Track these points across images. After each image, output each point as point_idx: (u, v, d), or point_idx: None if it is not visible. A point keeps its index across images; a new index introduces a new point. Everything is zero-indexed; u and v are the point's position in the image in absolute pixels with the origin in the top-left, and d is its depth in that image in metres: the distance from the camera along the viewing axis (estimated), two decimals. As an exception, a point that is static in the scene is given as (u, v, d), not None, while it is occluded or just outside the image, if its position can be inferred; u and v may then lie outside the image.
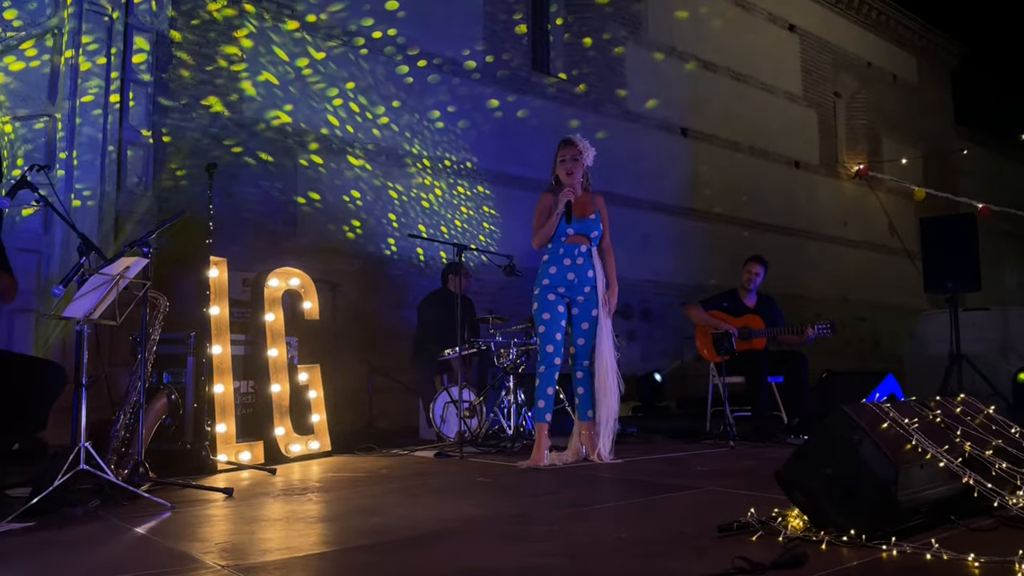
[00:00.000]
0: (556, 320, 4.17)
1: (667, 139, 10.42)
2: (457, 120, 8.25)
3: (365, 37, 7.57)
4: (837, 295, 12.42)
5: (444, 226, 7.96)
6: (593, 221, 4.24)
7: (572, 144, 4.31)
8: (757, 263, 5.79)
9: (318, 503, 3.07)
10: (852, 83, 13.91)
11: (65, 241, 5.63)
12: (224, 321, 4.26)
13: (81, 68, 5.80)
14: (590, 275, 4.19)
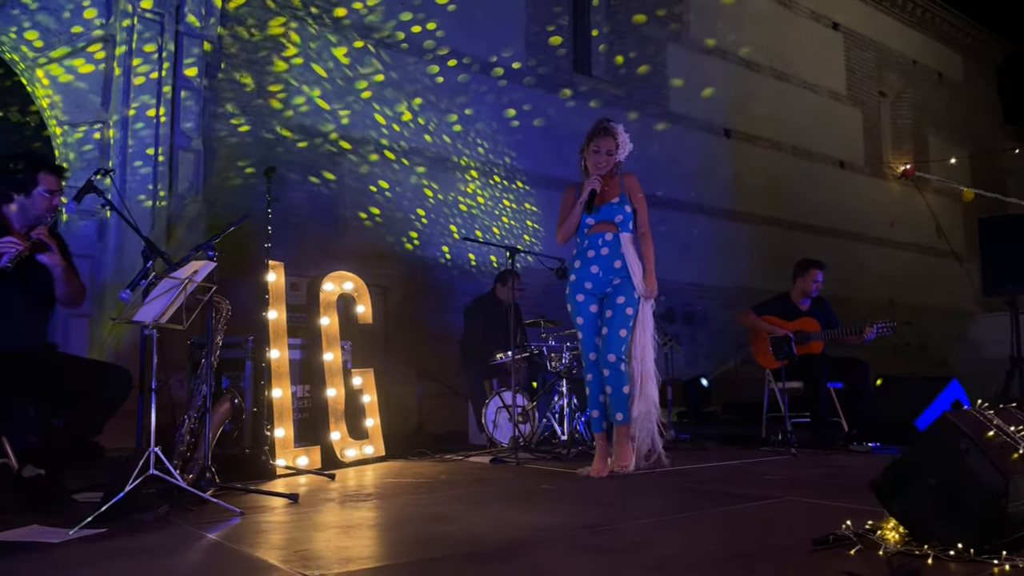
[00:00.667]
0: (591, 323, 3.87)
1: (709, 140, 10.28)
2: (499, 122, 8.21)
3: (409, 42, 7.56)
4: (883, 298, 12.15)
5: (491, 229, 7.91)
6: (616, 205, 3.87)
7: (609, 135, 3.90)
8: (820, 269, 5.62)
9: (386, 510, 3.02)
10: (897, 82, 13.63)
11: (119, 247, 5.68)
12: (282, 325, 4.24)
13: (134, 75, 5.86)
14: (617, 265, 3.82)
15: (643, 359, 3.80)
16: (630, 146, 3.97)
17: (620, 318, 3.77)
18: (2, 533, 2.48)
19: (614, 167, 3.94)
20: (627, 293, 3.79)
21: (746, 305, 6.35)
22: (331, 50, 7.03)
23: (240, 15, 6.50)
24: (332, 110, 6.97)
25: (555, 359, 5.27)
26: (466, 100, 7.94)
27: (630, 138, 4.05)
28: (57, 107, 5.80)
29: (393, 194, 7.31)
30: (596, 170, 3.89)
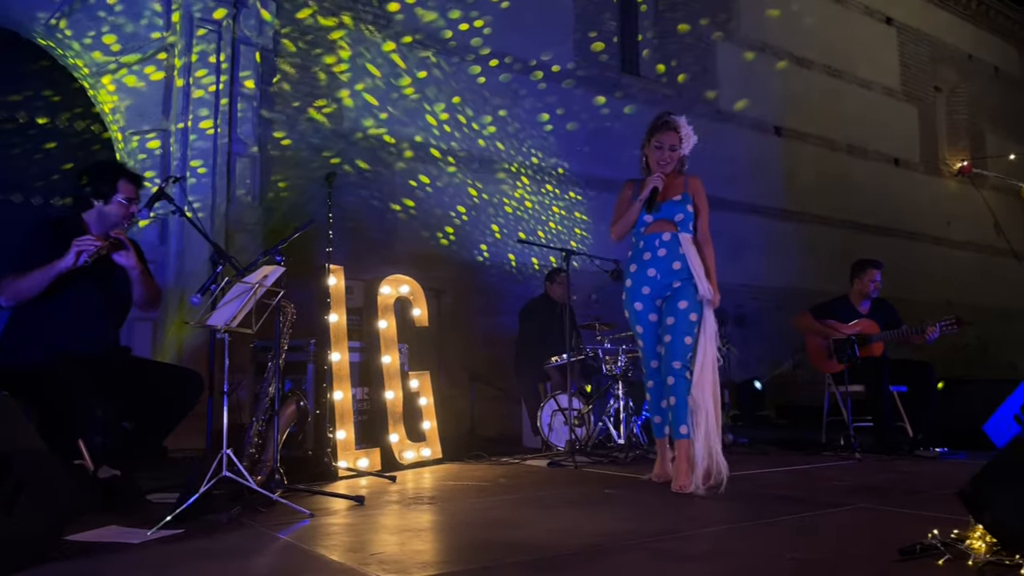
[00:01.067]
0: (650, 333, 3.63)
1: (760, 139, 10.13)
2: (547, 124, 8.19)
3: (458, 44, 7.59)
4: (941, 299, 11.82)
5: (537, 232, 7.91)
6: (678, 203, 3.61)
7: (672, 129, 3.64)
8: (878, 269, 5.48)
9: (451, 513, 3.03)
10: (952, 76, 13.27)
11: (180, 252, 5.80)
12: (342, 328, 4.28)
13: (192, 84, 5.98)
14: (676, 267, 3.56)
15: (704, 367, 3.47)
16: (694, 139, 3.70)
17: (684, 324, 3.50)
18: (83, 533, 2.54)
19: (678, 163, 3.70)
20: (689, 297, 3.52)
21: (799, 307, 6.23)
22: (382, 55, 7.09)
23: (294, 23, 6.59)
24: (383, 114, 7.03)
25: (610, 362, 5.23)
26: (514, 101, 7.94)
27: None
28: (119, 115, 5.95)
29: (442, 196, 7.35)
30: (659, 167, 3.64)
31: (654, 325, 3.63)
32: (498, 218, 7.70)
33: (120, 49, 5.88)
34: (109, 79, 5.92)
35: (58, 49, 5.95)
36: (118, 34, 5.87)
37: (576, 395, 5.12)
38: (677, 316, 3.52)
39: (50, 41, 5.89)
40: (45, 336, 3.01)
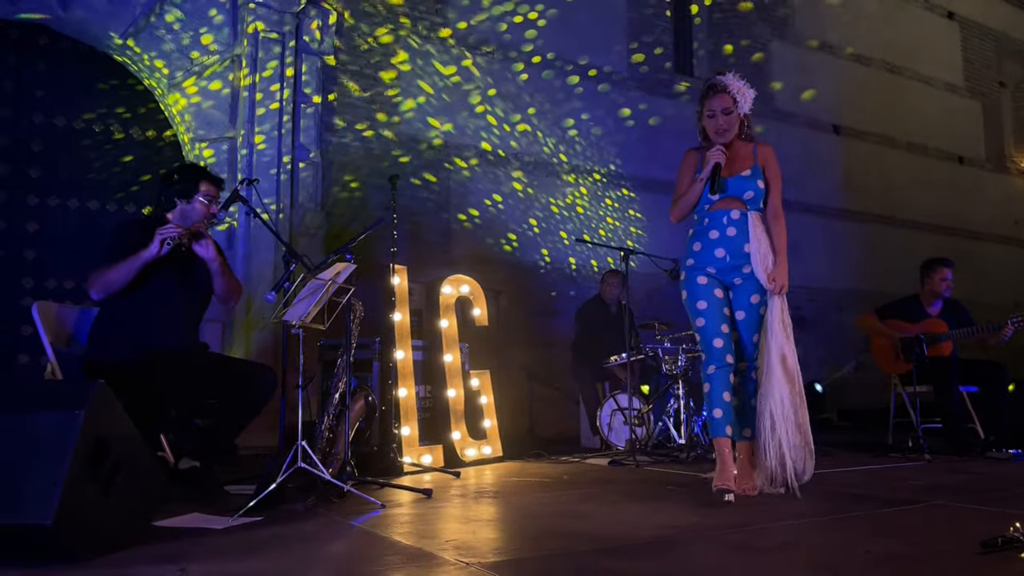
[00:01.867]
0: (716, 307, 3.24)
1: (818, 137, 9.96)
2: (602, 126, 8.21)
3: (514, 49, 7.67)
4: (1009, 300, 11.43)
5: (596, 232, 7.92)
6: (747, 178, 3.24)
7: (722, 91, 3.25)
8: (948, 267, 5.35)
9: (517, 507, 3.07)
10: (1018, 71, 12.84)
11: (247, 255, 5.98)
12: (406, 327, 4.37)
13: (257, 92, 6.17)
14: (746, 249, 3.21)
15: (772, 367, 3.14)
16: (752, 93, 3.31)
17: (754, 321, 3.24)
18: (168, 520, 2.66)
19: (742, 126, 3.31)
20: (760, 290, 3.23)
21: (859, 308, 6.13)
22: (441, 62, 7.20)
23: (353, 31, 6.75)
24: (439, 118, 7.14)
25: (670, 362, 5.22)
26: (568, 104, 7.98)
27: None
28: (189, 125, 6.17)
29: (497, 199, 7.42)
30: (717, 137, 3.27)
31: (721, 303, 3.27)
32: (555, 220, 7.74)
33: (188, 62, 6.10)
34: (178, 90, 6.14)
35: (131, 63, 6.20)
36: (185, 48, 6.08)
37: (635, 395, 5.12)
38: (748, 311, 3.25)
39: (124, 56, 6.14)
40: (130, 330, 3.16)
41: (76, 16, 5.77)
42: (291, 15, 6.31)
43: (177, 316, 3.28)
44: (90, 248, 4.07)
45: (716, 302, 3.26)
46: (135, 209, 6.16)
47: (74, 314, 3.43)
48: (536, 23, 7.84)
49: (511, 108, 7.60)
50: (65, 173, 5.98)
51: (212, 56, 6.16)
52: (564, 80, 7.98)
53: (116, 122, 6.23)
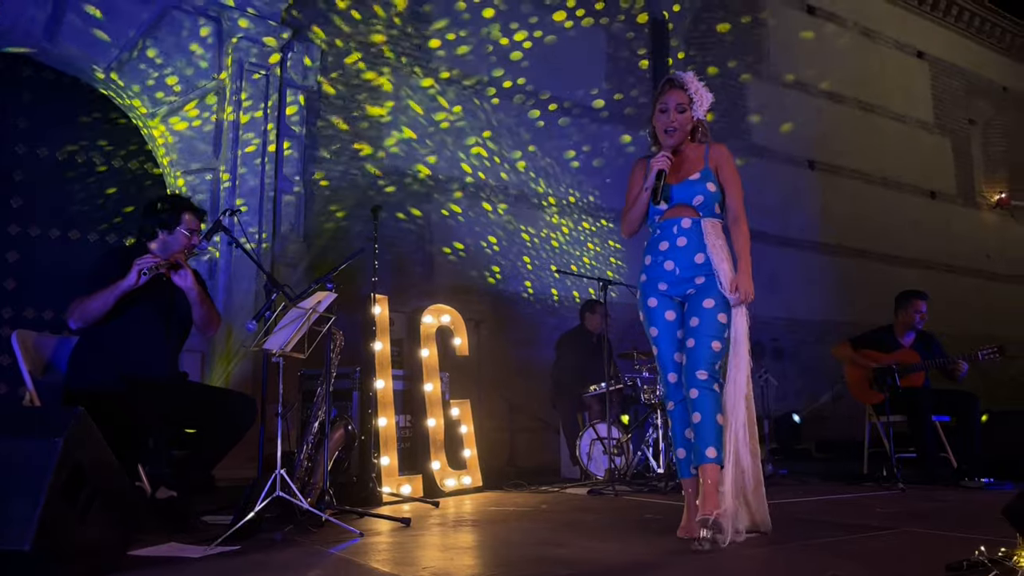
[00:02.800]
0: (668, 334, 2.95)
1: (794, 172, 10.17)
2: (583, 159, 8.34)
3: (495, 86, 7.80)
4: (983, 332, 11.62)
5: (573, 264, 8.01)
6: (695, 183, 2.95)
7: (678, 86, 2.98)
8: (923, 300, 5.47)
9: (497, 535, 3.09)
10: (987, 109, 13.22)
11: (227, 286, 5.99)
12: (386, 356, 4.40)
13: (242, 125, 6.23)
14: (699, 260, 2.90)
15: (737, 382, 2.87)
16: (710, 97, 3.05)
17: (710, 326, 2.86)
18: (146, 549, 2.65)
19: (695, 131, 3.05)
20: (716, 295, 2.88)
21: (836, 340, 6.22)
22: (421, 95, 7.32)
23: (338, 64, 6.85)
24: (422, 151, 7.23)
25: (648, 391, 5.27)
26: (549, 139, 8.11)
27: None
28: (172, 155, 6.21)
29: (479, 230, 7.49)
30: (666, 138, 3.00)
31: (673, 327, 2.96)
32: (537, 251, 7.82)
33: (172, 94, 6.16)
34: (162, 122, 6.19)
35: (115, 94, 6.25)
36: (169, 80, 6.14)
37: (615, 424, 5.15)
38: (703, 317, 2.88)
39: (107, 87, 6.19)
40: (110, 359, 3.17)
41: (61, 49, 5.83)
42: (276, 49, 6.40)
43: (157, 345, 3.30)
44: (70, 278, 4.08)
45: (667, 328, 2.97)
46: (116, 239, 6.17)
47: (53, 343, 3.44)
48: (519, 59, 7.99)
49: (493, 142, 7.71)
50: (47, 203, 5.99)
51: (197, 89, 6.22)
52: (546, 114, 8.12)
53: (99, 153, 6.26)
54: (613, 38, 8.80)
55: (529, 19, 8.11)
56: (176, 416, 3.28)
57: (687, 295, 2.96)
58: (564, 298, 7.88)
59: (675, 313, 2.97)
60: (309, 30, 6.68)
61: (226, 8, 6.21)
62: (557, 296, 7.85)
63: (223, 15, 6.23)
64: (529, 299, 7.69)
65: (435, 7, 7.51)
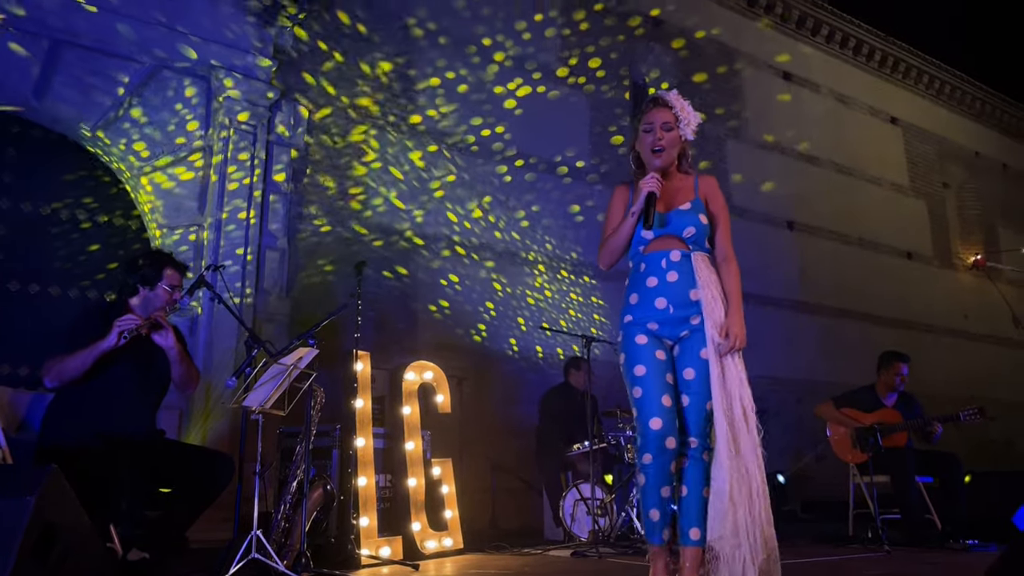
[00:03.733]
0: (657, 373, 2.61)
1: (773, 232, 10.33)
2: (565, 218, 8.43)
3: (479, 144, 7.92)
4: (962, 393, 11.68)
5: (559, 321, 8.03)
6: (686, 212, 2.73)
7: (661, 105, 2.78)
8: (904, 362, 5.53)
9: (478, 598, 3.02)
10: (961, 173, 13.56)
11: (208, 342, 5.93)
12: (367, 414, 4.36)
13: (228, 181, 6.26)
14: (694, 297, 2.65)
15: (736, 442, 2.52)
16: (696, 117, 2.82)
17: (705, 381, 2.59)
18: (114, 613, 2.56)
19: (681, 155, 2.84)
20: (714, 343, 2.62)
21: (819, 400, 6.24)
22: (407, 154, 7.42)
23: (325, 124, 6.95)
24: (407, 209, 7.29)
25: (632, 450, 5.23)
26: (533, 198, 8.21)
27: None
28: (157, 211, 6.22)
29: (464, 288, 7.52)
30: (654, 158, 2.75)
31: (663, 367, 2.63)
32: (521, 309, 7.84)
33: (159, 151, 6.20)
34: (148, 179, 6.22)
35: (101, 152, 6.28)
36: (156, 137, 6.20)
37: (599, 484, 5.10)
38: (699, 369, 2.61)
39: (94, 144, 6.23)
40: (86, 415, 3.12)
41: (49, 107, 5.87)
42: (264, 108, 6.49)
43: (134, 402, 3.25)
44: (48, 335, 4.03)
45: (657, 367, 2.62)
46: (97, 295, 6.12)
47: (28, 399, 3.39)
48: (504, 120, 8.14)
49: (478, 201, 7.79)
50: (28, 258, 5.95)
51: (184, 146, 6.27)
52: (530, 174, 8.24)
53: (83, 208, 6.26)
54: (595, 101, 9.01)
55: (514, 80, 8.29)
56: (151, 474, 3.21)
57: (680, 338, 2.67)
58: (548, 355, 7.86)
59: (666, 354, 2.65)
60: (296, 90, 6.79)
61: (214, 68, 6.30)
62: (541, 353, 7.84)
63: (211, 75, 6.32)
64: (513, 356, 7.66)
65: (420, 69, 7.67)
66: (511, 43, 8.35)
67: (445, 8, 7.93)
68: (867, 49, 12.21)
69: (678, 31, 9.97)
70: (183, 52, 6.19)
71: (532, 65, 8.46)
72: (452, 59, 7.89)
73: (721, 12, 10.54)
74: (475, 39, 8.10)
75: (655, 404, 2.58)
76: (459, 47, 7.98)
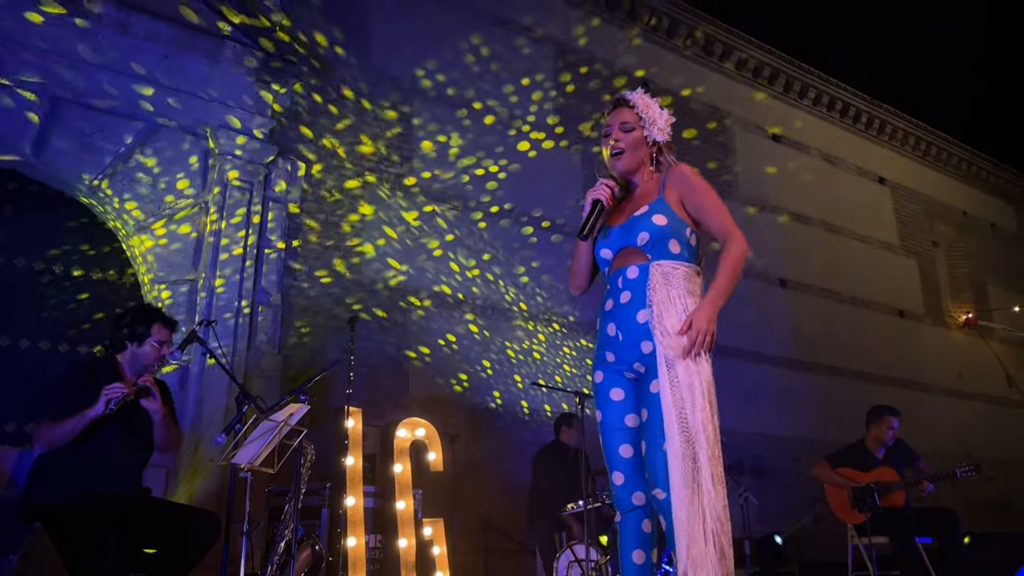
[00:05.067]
0: (613, 418, 2.36)
1: (766, 289, 10.38)
2: (558, 274, 8.47)
3: (473, 200, 8.01)
4: (958, 452, 11.59)
5: (553, 377, 7.99)
6: (641, 217, 2.40)
7: (622, 104, 2.54)
8: (894, 416, 5.51)
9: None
10: (949, 232, 13.74)
11: (198, 398, 5.87)
12: (358, 472, 4.30)
13: (223, 238, 6.29)
14: (641, 319, 2.30)
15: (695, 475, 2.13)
16: (665, 115, 2.54)
17: (660, 423, 2.23)
18: None
19: (649, 155, 2.53)
20: (667, 370, 2.26)
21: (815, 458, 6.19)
22: (402, 211, 7.49)
23: (321, 181, 7.02)
24: (400, 265, 7.32)
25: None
26: (528, 254, 8.26)
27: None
28: (152, 268, 6.23)
29: (456, 344, 7.49)
30: (614, 162, 2.50)
31: (620, 409, 2.37)
32: (514, 365, 7.81)
33: (155, 207, 6.25)
34: (143, 234, 6.24)
35: (98, 206, 6.33)
36: (155, 192, 6.25)
37: (593, 545, 5.00)
38: (651, 408, 2.27)
39: (92, 200, 6.28)
40: (72, 473, 3.07)
41: (47, 163, 5.93)
42: (260, 165, 6.56)
43: (121, 460, 3.21)
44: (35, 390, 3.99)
45: (612, 411, 2.36)
46: (87, 350, 6.08)
47: (14, 456, 3.34)
48: (497, 179, 8.25)
49: (472, 257, 7.82)
50: (20, 313, 5.92)
51: (179, 202, 6.32)
52: (521, 229, 8.31)
53: (77, 264, 6.26)
54: (587, 159, 9.14)
55: (507, 136, 8.42)
56: (136, 533, 3.14)
57: (638, 373, 2.34)
58: (542, 411, 7.80)
59: (624, 392, 2.36)
60: (293, 147, 6.88)
61: (212, 126, 6.39)
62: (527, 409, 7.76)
63: (209, 132, 6.41)
64: (507, 413, 7.60)
65: (416, 128, 7.79)
66: (500, 103, 8.51)
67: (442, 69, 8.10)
68: (853, 111, 12.48)
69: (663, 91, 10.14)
70: (181, 111, 6.29)
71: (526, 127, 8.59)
72: (447, 117, 8.03)
73: (708, 74, 10.79)
74: (469, 100, 8.26)
75: (614, 456, 2.37)
76: (454, 107, 8.13)
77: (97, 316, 6.18)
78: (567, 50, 9.33)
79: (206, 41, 6.44)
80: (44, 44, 5.77)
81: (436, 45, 8.15)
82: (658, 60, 10.31)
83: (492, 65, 8.54)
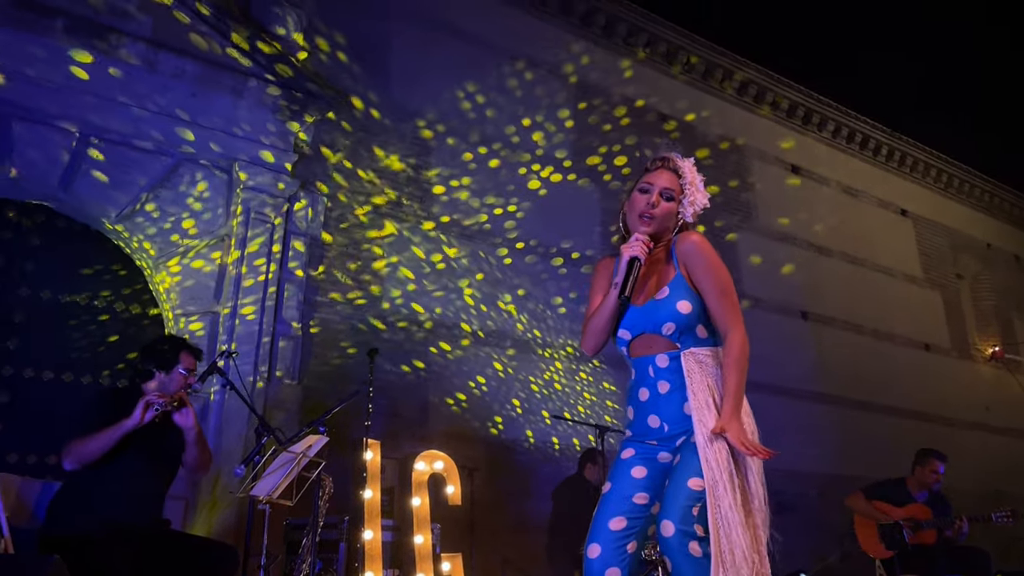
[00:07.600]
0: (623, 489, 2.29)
1: (787, 322, 10.28)
2: (578, 307, 8.45)
3: (498, 236, 8.03)
4: (989, 489, 11.33)
5: (575, 408, 7.93)
6: (662, 302, 2.29)
7: (670, 169, 2.40)
8: (941, 461, 5.42)
9: None
10: (974, 264, 13.57)
11: (219, 428, 5.88)
12: (376, 505, 4.26)
13: (244, 270, 6.35)
14: (687, 410, 2.24)
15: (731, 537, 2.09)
16: (704, 198, 2.45)
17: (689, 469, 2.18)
18: None
19: (673, 228, 2.41)
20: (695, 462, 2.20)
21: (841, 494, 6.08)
22: (423, 245, 7.52)
23: (343, 214, 7.09)
24: (423, 300, 7.33)
25: (648, 546, 5.06)
26: (550, 288, 8.25)
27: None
28: (174, 299, 6.29)
29: (475, 378, 7.47)
30: (640, 224, 2.34)
31: (634, 485, 2.30)
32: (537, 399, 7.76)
33: (179, 240, 6.33)
34: (166, 267, 6.32)
35: (122, 240, 6.42)
36: (178, 228, 6.34)
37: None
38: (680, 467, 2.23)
39: (116, 234, 6.37)
40: (94, 505, 3.07)
41: (75, 199, 6.04)
42: (282, 199, 6.64)
43: (143, 491, 3.20)
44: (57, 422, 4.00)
45: (626, 483, 2.29)
46: (111, 382, 6.12)
47: (37, 488, 3.34)
48: (520, 214, 8.27)
49: (493, 289, 7.84)
50: (44, 345, 5.98)
51: (203, 235, 6.40)
52: (544, 263, 8.31)
53: (101, 296, 6.34)
54: (607, 193, 9.16)
55: (529, 170, 8.47)
56: (154, 568, 3.12)
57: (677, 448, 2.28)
58: (565, 446, 7.73)
59: (648, 470, 2.28)
60: (315, 181, 6.96)
61: (236, 160, 6.49)
62: (558, 444, 7.71)
63: (233, 167, 6.50)
64: (527, 447, 7.54)
65: (437, 161, 7.86)
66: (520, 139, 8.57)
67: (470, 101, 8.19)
68: (874, 144, 12.45)
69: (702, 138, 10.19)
70: (206, 146, 6.40)
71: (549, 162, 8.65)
72: (471, 151, 8.09)
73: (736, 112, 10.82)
74: (490, 136, 8.32)
75: (601, 526, 2.27)
76: (477, 142, 8.20)
77: (120, 347, 6.22)
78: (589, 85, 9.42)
79: (230, 77, 6.56)
80: (75, 84, 5.90)
81: (456, 79, 8.25)
82: (701, 104, 10.40)
83: (515, 98, 8.62)
